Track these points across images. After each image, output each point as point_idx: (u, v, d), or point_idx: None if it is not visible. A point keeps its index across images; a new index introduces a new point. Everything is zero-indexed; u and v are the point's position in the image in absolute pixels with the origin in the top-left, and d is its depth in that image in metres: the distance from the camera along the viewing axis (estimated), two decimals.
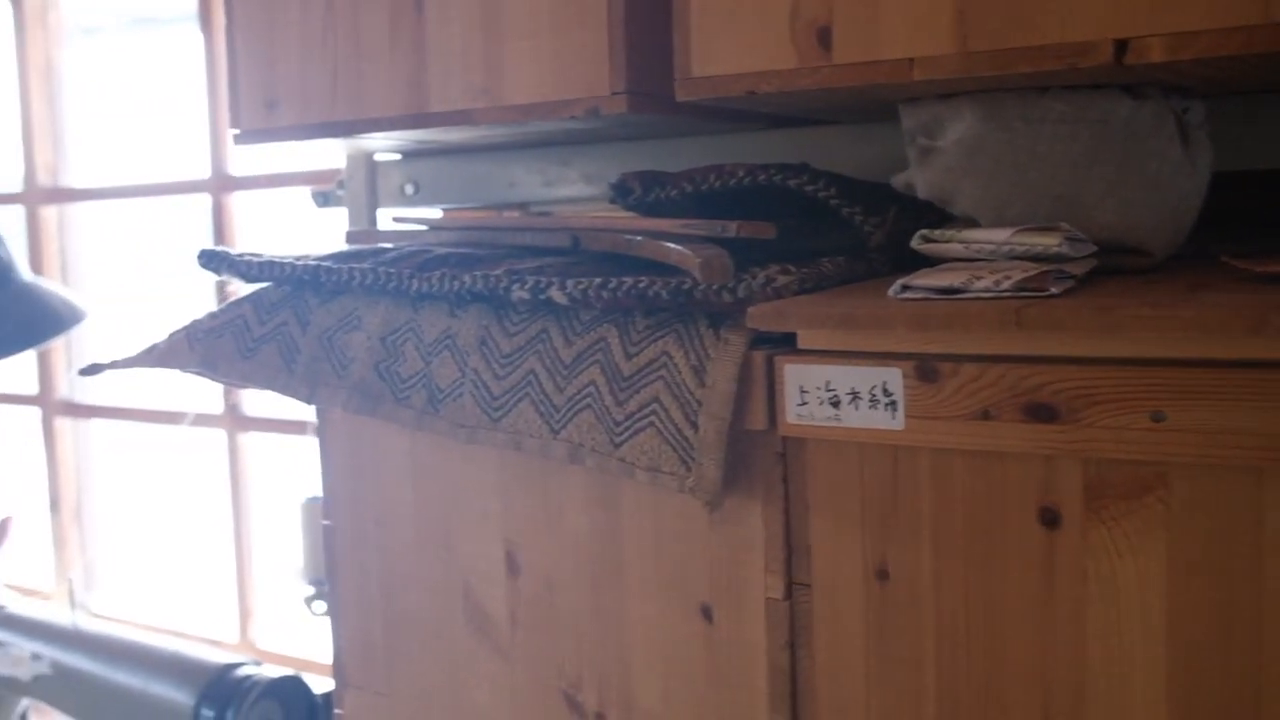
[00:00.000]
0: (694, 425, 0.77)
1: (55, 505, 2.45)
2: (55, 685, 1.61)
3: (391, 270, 0.89)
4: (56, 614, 1.68)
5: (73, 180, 2.42)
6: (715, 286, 0.75)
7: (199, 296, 2.28)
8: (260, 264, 0.93)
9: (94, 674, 1.57)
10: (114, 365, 0.98)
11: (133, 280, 2.67)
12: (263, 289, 0.96)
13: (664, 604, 0.83)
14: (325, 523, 1.00)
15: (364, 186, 1.22)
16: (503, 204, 1.21)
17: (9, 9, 2.39)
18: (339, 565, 1.00)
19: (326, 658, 2.03)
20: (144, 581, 2.50)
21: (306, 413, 1.97)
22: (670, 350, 0.78)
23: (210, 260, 0.95)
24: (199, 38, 2.16)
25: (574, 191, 1.13)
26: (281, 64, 1.04)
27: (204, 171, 2.15)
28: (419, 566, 0.95)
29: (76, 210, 2.44)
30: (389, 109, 0.98)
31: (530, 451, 0.84)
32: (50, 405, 2.43)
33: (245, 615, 2.17)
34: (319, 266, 0.91)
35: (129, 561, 2.53)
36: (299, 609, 1.74)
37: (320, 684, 1.55)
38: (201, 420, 2.23)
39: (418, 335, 0.88)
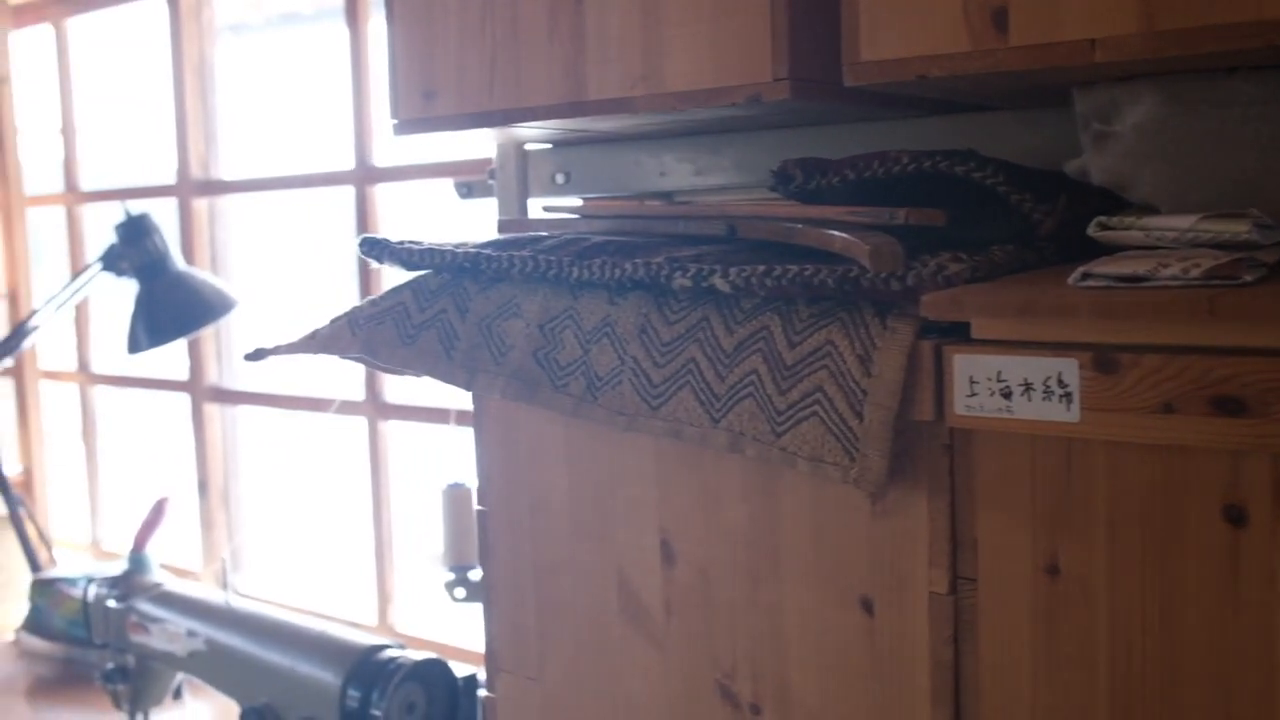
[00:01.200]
0: (859, 415, 0.76)
1: (203, 488, 2.53)
2: (208, 661, 1.66)
3: (551, 258, 0.89)
4: (210, 593, 1.74)
5: (223, 173, 2.49)
6: (884, 274, 0.74)
7: (342, 287, 2.34)
8: (420, 252, 0.95)
9: (245, 652, 1.62)
10: (277, 351, 1.00)
11: (281, 271, 2.74)
12: (422, 276, 0.97)
13: (822, 595, 0.82)
14: (479, 509, 1.01)
15: (515, 176, 1.23)
16: (653, 193, 1.21)
17: (164, 8, 2.47)
18: (492, 551, 1.01)
19: (464, 642, 2.07)
20: (287, 564, 2.57)
21: (448, 401, 2.00)
22: (835, 339, 0.77)
23: (371, 248, 0.97)
24: (345, 33, 2.21)
25: (725, 180, 1.12)
26: (440, 54, 1.05)
27: (349, 164, 2.20)
28: (572, 554, 0.96)
29: (226, 202, 2.51)
30: (546, 98, 0.98)
31: (689, 440, 0.83)
32: (199, 391, 2.51)
33: (384, 599, 2.22)
34: (479, 254, 0.92)
35: (273, 544, 2.61)
36: (438, 594, 1.77)
37: (460, 668, 1.58)
38: (344, 407, 2.28)
39: (576, 323, 0.89)
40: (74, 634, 2.16)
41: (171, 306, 2.11)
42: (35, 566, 2.36)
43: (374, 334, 0.96)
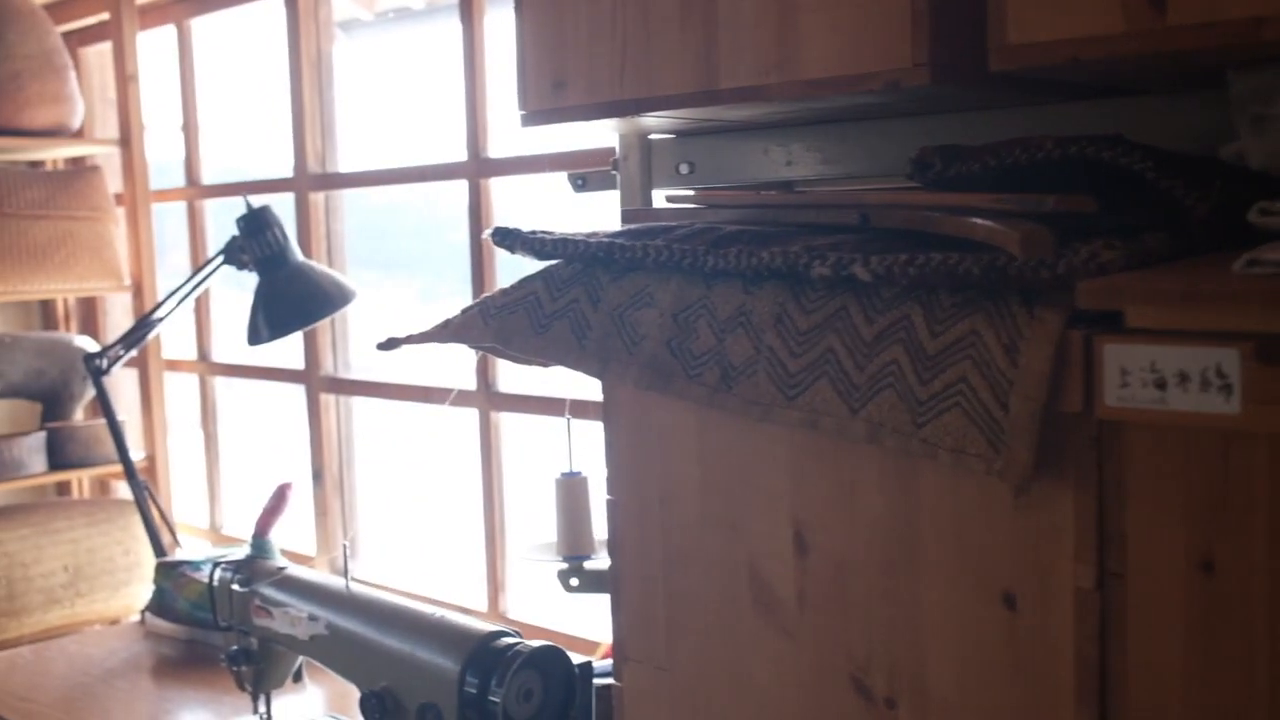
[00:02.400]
0: (1004, 406, 0.74)
1: (318, 476, 2.59)
2: (329, 645, 1.69)
3: (685, 247, 0.89)
4: (330, 579, 1.77)
5: (339, 167, 2.54)
6: (1033, 263, 0.72)
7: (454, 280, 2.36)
8: (553, 242, 0.95)
9: (365, 637, 1.65)
10: (409, 340, 1.02)
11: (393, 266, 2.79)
12: (553, 266, 0.98)
13: (962, 589, 0.81)
14: (609, 498, 1.01)
15: (639, 166, 1.23)
16: (776, 182, 1.20)
17: (282, 6, 2.53)
18: (621, 540, 1.02)
19: (577, 630, 2.08)
20: (399, 551, 2.62)
21: (563, 391, 2.01)
22: (980, 328, 0.76)
23: (504, 238, 0.98)
24: (458, 28, 2.23)
25: (853, 169, 1.11)
26: (569, 45, 1.06)
27: (462, 157, 2.22)
28: (703, 544, 0.96)
29: (341, 195, 2.56)
30: (677, 86, 0.98)
31: (827, 431, 0.83)
32: (315, 381, 2.56)
33: (495, 587, 2.24)
34: (612, 244, 0.92)
35: (385, 532, 2.65)
36: (549, 583, 1.78)
37: (576, 656, 1.59)
38: (456, 398, 2.31)
39: (711, 312, 0.88)
40: (197, 616, 2.22)
41: (291, 298, 2.15)
42: (159, 550, 2.43)
43: (506, 323, 0.97)
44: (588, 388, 2.02)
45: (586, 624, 2.14)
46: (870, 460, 0.85)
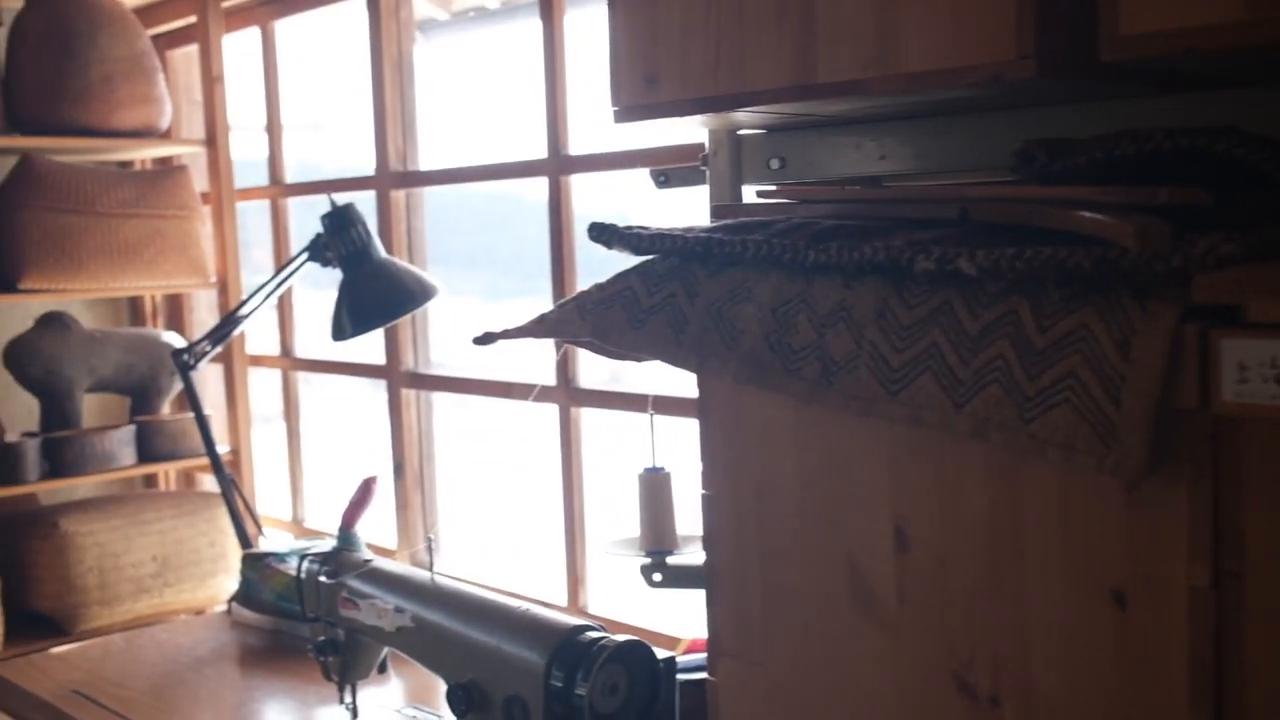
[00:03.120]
0: (1116, 402, 0.73)
1: (399, 471, 2.61)
2: (415, 637, 1.71)
3: (785, 241, 0.89)
4: (415, 571, 1.79)
5: (420, 164, 2.57)
6: (1147, 256, 0.71)
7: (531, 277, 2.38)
8: (651, 237, 0.96)
9: (451, 629, 1.66)
10: (505, 335, 1.02)
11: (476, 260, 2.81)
12: (649, 261, 0.98)
13: (1070, 587, 0.80)
14: (705, 493, 1.02)
15: (728, 162, 1.23)
16: (865, 178, 1.19)
17: (364, 7, 2.56)
18: (717, 535, 1.02)
19: (657, 625, 2.09)
20: (479, 545, 2.64)
21: (647, 387, 2.02)
22: (1090, 323, 0.75)
23: (600, 233, 0.98)
24: (539, 26, 2.24)
25: (947, 163, 1.10)
26: (663, 40, 1.06)
27: (542, 154, 2.23)
28: (800, 539, 0.95)
29: (422, 193, 2.59)
30: (773, 81, 0.98)
31: (930, 426, 0.82)
32: (396, 377, 2.59)
33: (575, 581, 2.25)
34: (710, 239, 0.92)
35: (465, 525, 2.68)
36: (633, 579, 1.78)
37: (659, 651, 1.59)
38: (535, 393, 2.33)
39: (810, 307, 0.88)
40: (282, 607, 2.26)
41: (374, 294, 2.18)
42: (245, 542, 2.47)
43: (603, 318, 0.97)
44: (671, 383, 2.02)
45: (666, 619, 2.15)
46: (973, 455, 0.84)
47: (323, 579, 1.83)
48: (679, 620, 2.13)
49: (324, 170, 3.11)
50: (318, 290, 3.07)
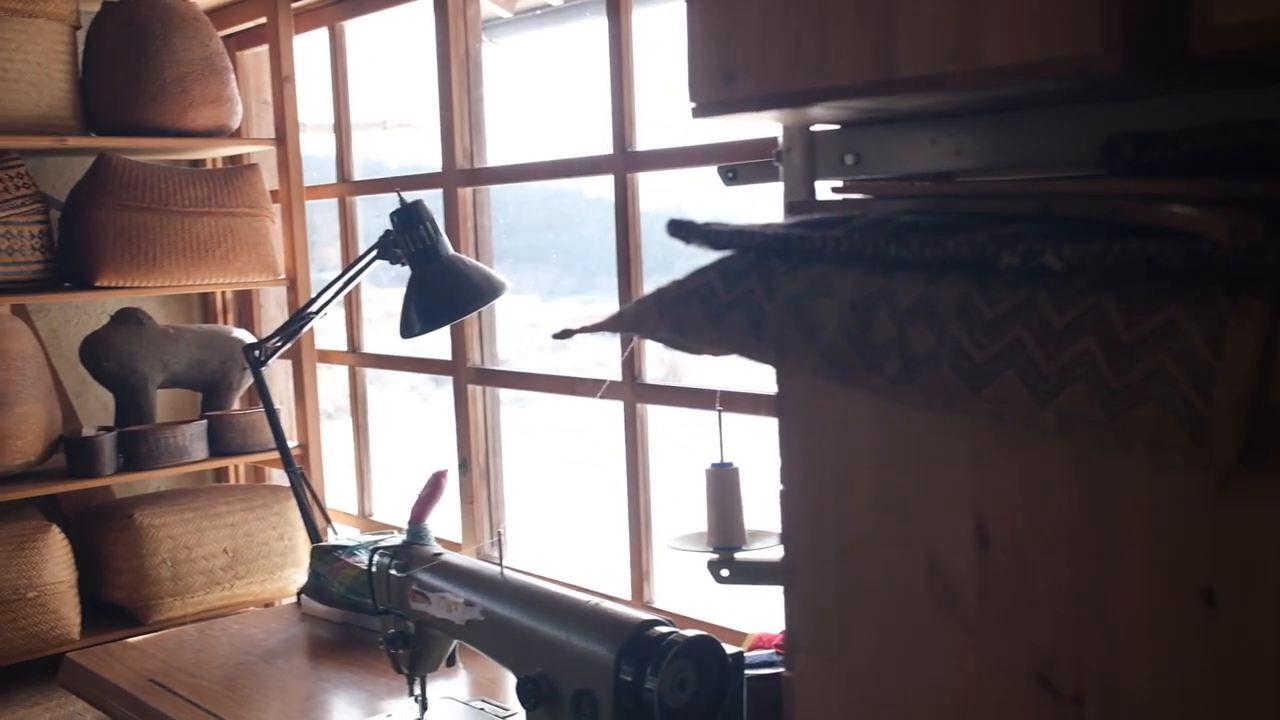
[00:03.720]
0: (1206, 397, 0.72)
1: (465, 466, 2.64)
2: (484, 631, 1.73)
3: (865, 237, 0.89)
4: (484, 565, 1.81)
5: (486, 162, 2.59)
6: (1240, 250, 0.70)
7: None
8: (729, 232, 0.96)
9: (520, 623, 1.68)
10: (583, 330, 1.03)
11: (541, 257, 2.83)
12: (727, 257, 0.98)
13: (1156, 584, 0.79)
14: (782, 488, 1.02)
15: (802, 158, 1.23)
16: (939, 173, 1.18)
17: (431, 7, 2.58)
18: (793, 531, 1.02)
19: (722, 620, 2.09)
20: (544, 539, 2.66)
21: (714, 383, 2.02)
22: (1179, 318, 0.74)
23: (678, 229, 0.99)
24: (598, 25, 2.25)
25: (1024, 158, 1.09)
26: (740, 35, 1.06)
27: (607, 150, 2.24)
28: (878, 534, 0.95)
29: (488, 191, 2.61)
30: (853, 76, 0.97)
31: (1014, 423, 0.81)
32: (462, 372, 2.62)
33: (640, 576, 2.26)
34: (789, 234, 0.93)
35: (531, 520, 2.70)
36: (701, 574, 1.79)
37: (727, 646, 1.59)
38: (597, 389, 2.34)
39: (891, 303, 0.88)
40: (351, 599, 2.29)
41: (443, 291, 2.20)
42: (315, 535, 2.51)
43: (682, 314, 0.97)
44: (740, 379, 2.02)
45: (725, 613, 2.15)
46: (1057, 451, 0.83)
47: (393, 572, 1.86)
48: (741, 615, 2.13)
49: (386, 168, 3.14)
50: (377, 288, 3.11)
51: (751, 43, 1.05)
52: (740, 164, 1.54)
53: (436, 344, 2.62)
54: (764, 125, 1.42)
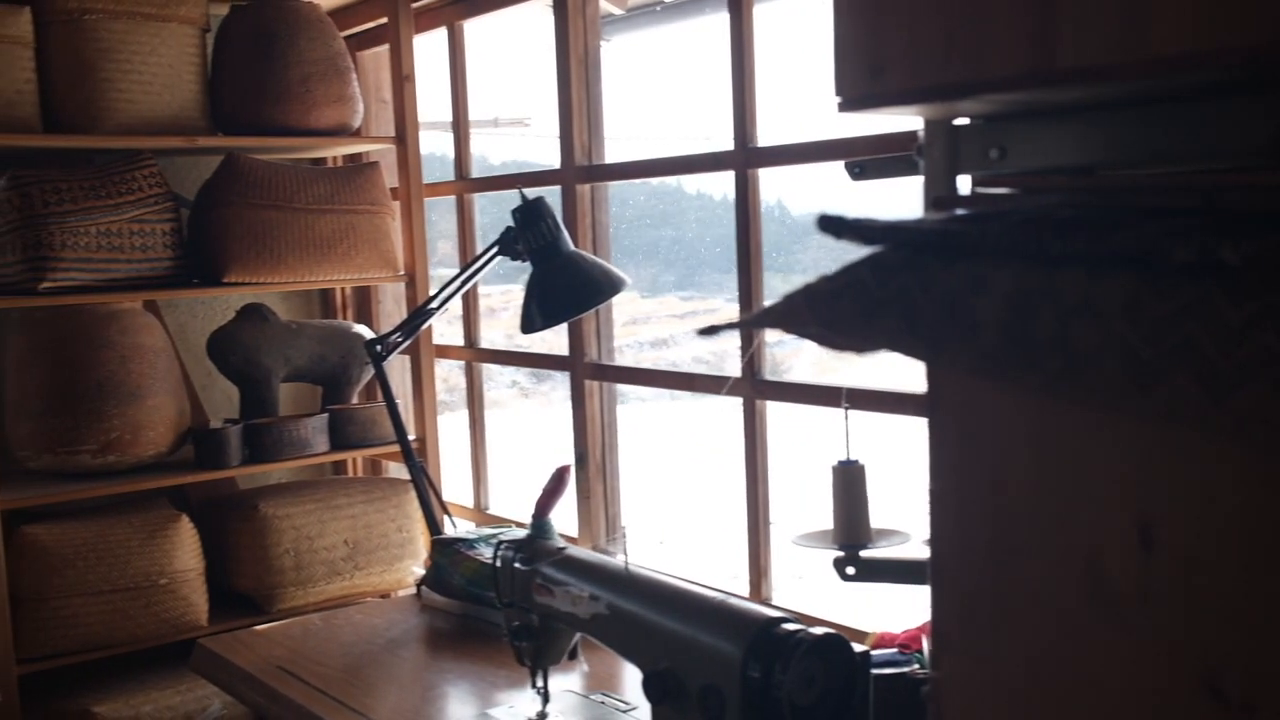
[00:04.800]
0: None
1: (582, 461, 2.66)
2: (609, 625, 1.74)
3: (1025, 231, 0.87)
4: (609, 560, 1.82)
5: (605, 159, 2.60)
6: None
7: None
8: (883, 227, 0.95)
9: (646, 618, 1.68)
10: (730, 326, 1.03)
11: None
12: (880, 252, 0.97)
13: None
14: (933, 486, 1.00)
15: (945, 153, 1.21)
16: (1083, 167, 1.16)
17: (545, 4, 2.60)
18: (943, 529, 1.01)
19: (845, 619, 2.08)
20: (660, 534, 2.67)
21: (841, 380, 2.00)
22: None
23: (829, 224, 0.98)
24: (710, 21, 2.25)
25: (1178, 151, 1.06)
26: (890, 27, 1.05)
27: (728, 146, 2.24)
28: (1033, 536, 0.93)
29: (606, 187, 2.62)
30: (1009, 68, 0.96)
31: (1185, 423, 0.79)
32: (579, 368, 2.63)
33: (759, 573, 2.26)
34: (945, 229, 0.91)
35: (647, 515, 2.71)
36: (828, 572, 1.77)
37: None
38: (712, 385, 2.33)
39: (1053, 299, 0.86)
40: (472, 592, 2.31)
41: (564, 287, 2.22)
42: (435, 528, 2.54)
43: (833, 310, 0.97)
44: (865, 376, 2.01)
45: (844, 612, 2.13)
46: (1229, 453, 0.81)
47: (518, 566, 1.88)
48: (865, 613, 2.12)
49: (490, 166, 3.18)
50: (482, 284, 3.14)
51: (901, 34, 1.04)
52: (868, 159, 1.53)
53: (549, 340, 2.65)
54: (891, 120, 1.40)
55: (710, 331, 1.04)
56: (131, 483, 2.67)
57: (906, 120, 1.70)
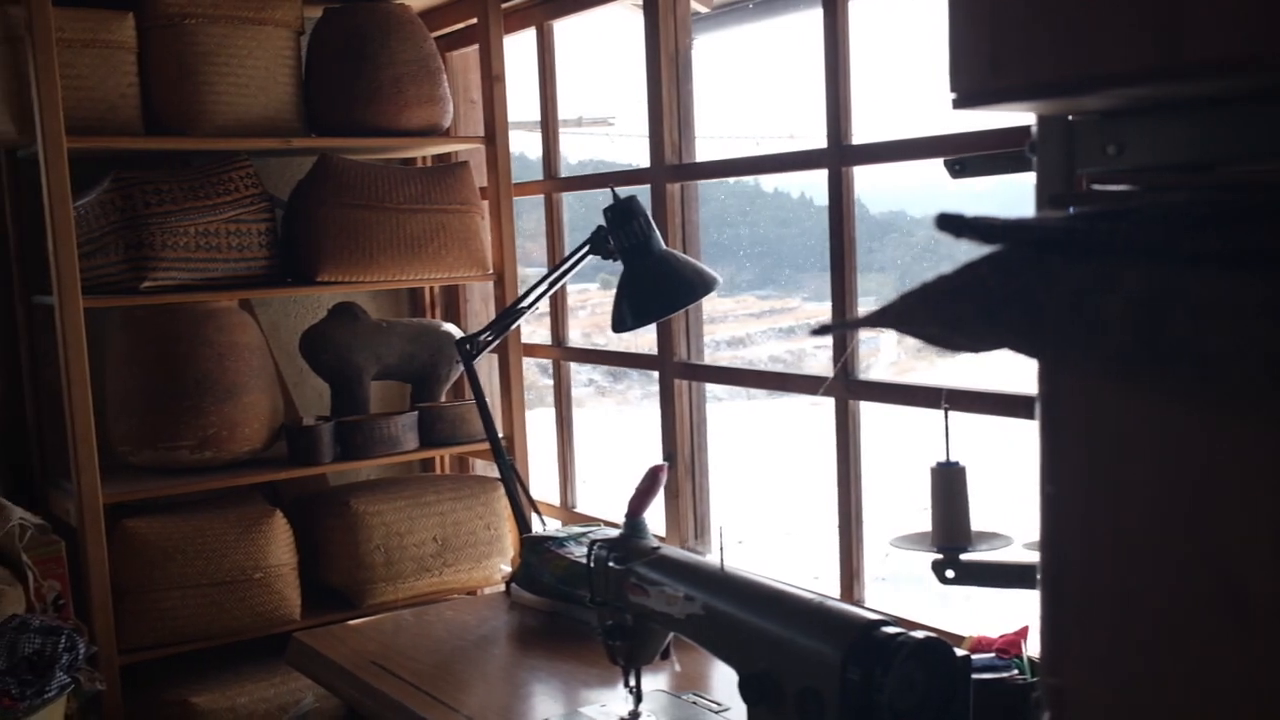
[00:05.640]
0: None
1: (671, 460, 2.65)
2: (704, 625, 1.73)
3: (1156, 229, 0.85)
4: (703, 560, 1.81)
5: (695, 157, 2.59)
6: None
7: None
8: (1005, 226, 0.93)
9: (743, 619, 1.67)
10: (843, 325, 1.02)
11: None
12: (999, 250, 0.96)
13: None
14: (1049, 489, 0.98)
15: (1059, 149, 1.18)
16: (1197, 165, 1.13)
17: (633, 3, 2.60)
18: (1060, 534, 0.98)
19: (940, 623, 2.05)
20: (749, 534, 2.65)
21: (941, 381, 1.98)
22: None
23: (948, 223, 0.96)
24: (800, 18, 2.23)
25: None
26: (1009, 22, 1.03)
27: (820, 144, 2.22)
28: (1160, 542, 0.91)
29: (696, 186, 2.61)
30: (1133, 61, 0.93)
31: None
32: (668, 367, 2.63)
33: (850, 575, 2.24)
34: (1071, 227, 0.89)
35: (735, 515, 2.70)
36: (927, 575, 1.75)
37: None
38: (806, 385, 2.32)
39: (1186, 299, 0.84)
40: (562, 590, 2.32)
41: (655, 286, 2.21)
42: (525, 526, 2.55)
43: (952, 309, 0.95)
44: (964, 377, 1.98)
45: (927, 615, 2.11)
46: None
47: (612, 564, 1.88)
48: (959, 617, 2.09)
49: (570, 166, 3.18)
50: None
51: (1020, 28, 1.02)
52: (969, 156, 1.50)
53: (625, 339, 2.64)
54: (990, 117, 1.38)
55: (823, 331, 1.03)
56: (227, 478, 2.72)
57: (1005, 117, 1.67)
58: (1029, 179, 1.57)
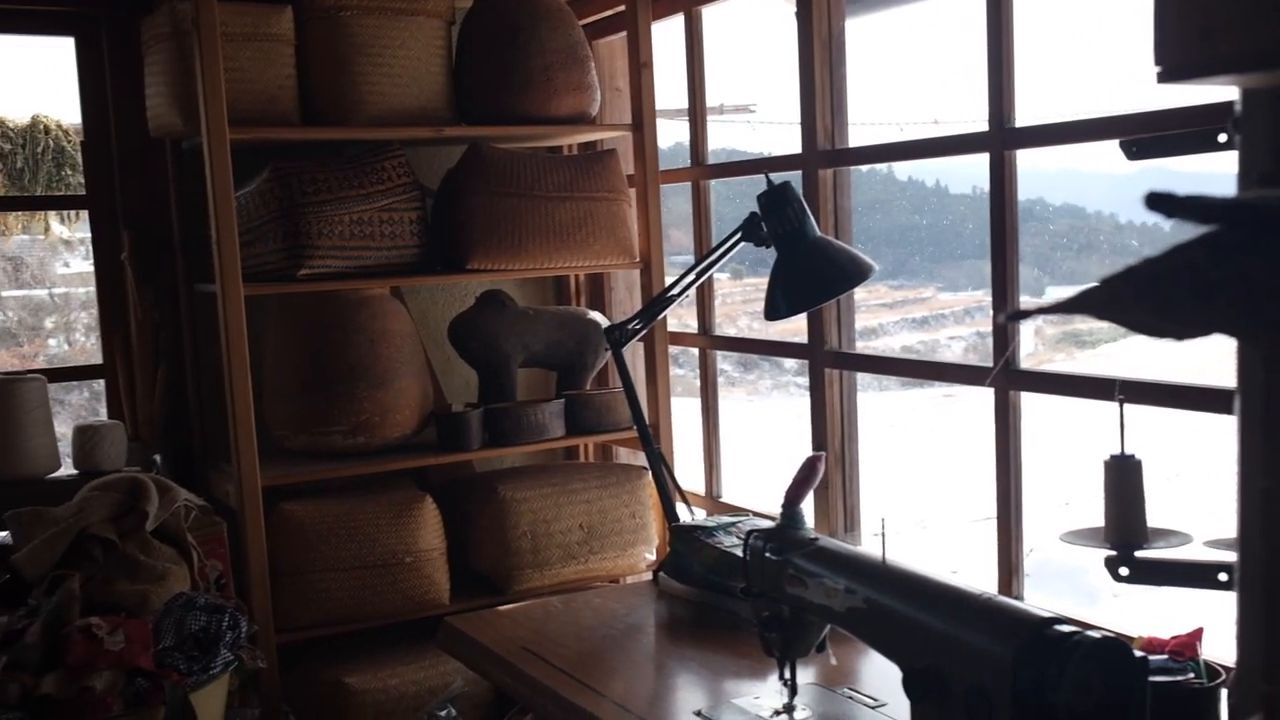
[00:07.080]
0: None
1: (821, 450, 2.61)
2: (866, 619, 1.69)
3: None
4: (863, 552, 1.77)
5: (848, 143, 2.54)
6: None
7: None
8: (1223, 205, 0.88)
9: (907, 614, 1.62)
10: (1041, 311, 0.97)
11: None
12: (1214, 231, 0.90)
13: None
14: (1265, 484, 0.93)
15: (1266, 125, 1.12)
16: None
17: None
18: (1277, 530, 0.93)
19: (1112, 622, 1.97)
20: (901, 526, 2.60)
21: (1116, 372, 1.90)
22: None
23: (1159, 202, 0.91)
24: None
25: None
26: None
27: (982, 127, 2.15)
28: None
29: (848, 172, 2.56)
30: None
31: None
32: (819, 356, 2.59)
33: (1009, 571, 2.17)
34: None
35: (886, 506, 2.65)
36: (1074, 571, 1.69)
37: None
38: (965, 375, 2.25)
39: None
40: (711, 580, 2.30)
41: (810, 273, 2.17)
42: (673, 515, 2.54)
43: (1163, 293, 0.90)
44: (1140, 368, 1.90)
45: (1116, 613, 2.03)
46: None
47: (768, 555, 1.85)
48: (1132, 617, 2.01)
49: (712, 153, 3.15)
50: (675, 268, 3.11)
51: None
52: (1147, 137, 1.44)
53: (758, 328, 2.60)
54: (1165, 95, 1.31)
55: (1020, 316, 0.98)
56: (379, 463, 2.77)
57: (1181, 94, 1.59)
58: (1178, 163, 1.50)
